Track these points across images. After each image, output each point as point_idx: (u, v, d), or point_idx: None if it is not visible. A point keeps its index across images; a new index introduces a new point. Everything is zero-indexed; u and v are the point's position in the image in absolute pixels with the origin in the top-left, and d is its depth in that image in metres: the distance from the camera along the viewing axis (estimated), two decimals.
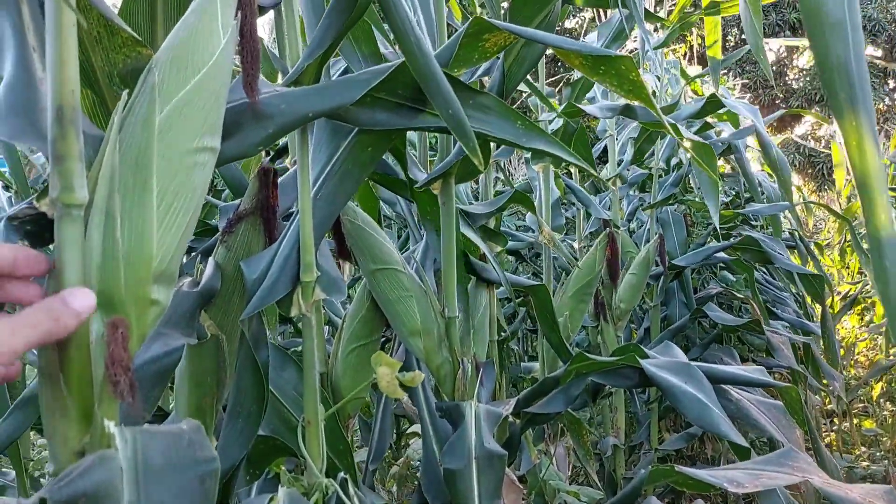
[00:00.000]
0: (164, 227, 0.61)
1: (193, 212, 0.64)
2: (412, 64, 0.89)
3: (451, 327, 1.33)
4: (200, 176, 0.64)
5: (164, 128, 0.63)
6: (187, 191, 0.63)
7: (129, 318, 0.59)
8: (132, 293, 0.60)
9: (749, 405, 1.58)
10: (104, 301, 0.59)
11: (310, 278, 0.95)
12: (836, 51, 0.61)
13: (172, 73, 0.65)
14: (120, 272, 0.59)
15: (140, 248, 0.60)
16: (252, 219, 1.05)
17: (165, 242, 0.61)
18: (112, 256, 0.59)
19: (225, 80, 0.69)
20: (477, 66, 1.28)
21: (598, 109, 1.82)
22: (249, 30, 0.78)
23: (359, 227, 1.32)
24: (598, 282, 2.36)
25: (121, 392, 0.56)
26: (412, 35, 0.87)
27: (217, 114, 0.67)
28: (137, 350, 0.61)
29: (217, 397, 0.99)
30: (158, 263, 0.61)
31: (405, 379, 0.86)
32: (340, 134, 1.10)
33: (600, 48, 1.16)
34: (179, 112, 0.64)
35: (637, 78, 1.12)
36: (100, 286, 0.59)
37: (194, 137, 0.64)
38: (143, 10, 1.04)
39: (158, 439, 0.56)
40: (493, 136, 1.07)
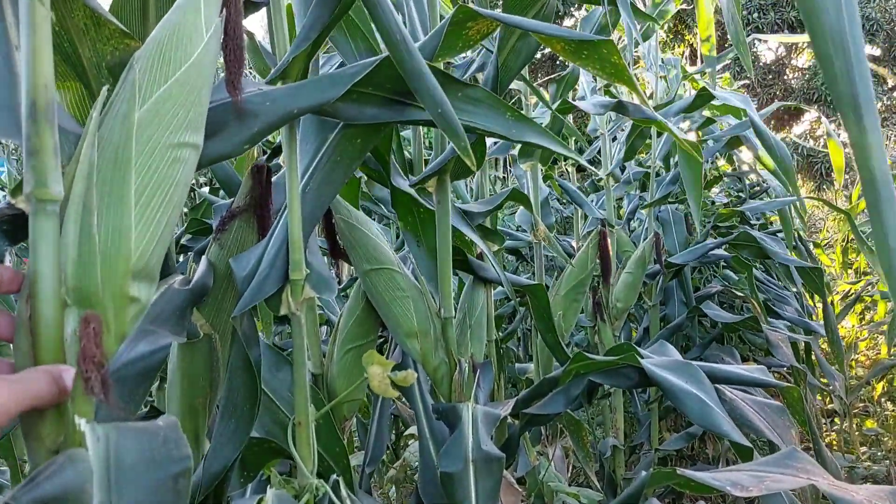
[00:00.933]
0: (142, 223, 0.60)
1: (174, 208, 0.63)
2: (400, 64, 0.88)
3: (447, 328, 1.31)
4: (182, 172, 0.64)
5: (143, 123, 0.62)
6: (167, 186, 0.62)
7: (106, 315, 0.58)
8: (109, 289, 0.59)
9: (743, 405, 1.56)
10: (79, 297, 0.58)
11: (299, 276, 0.93)
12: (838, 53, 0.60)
13: (154, 68, 0.65)
14: (96, 268, 0.58)
15: (117, 243, 0.59)
16: (245, 216, 1.04)
17: (144, 238, 0.60)
18: (88, 251, 0.58)
19: (207, 77, 0.69)
20: (461, 53, 1.27)
21: (591, 106, 1.81)
22: (233, 28, 0.78)
23: (353, 227, 1.30)
24: (590, 280, 2.34)
25: (92, 388, 0.54)
26: (398, 34, 0.86)
27: (198, 110, 0.67)
28: (117, 348, 0.60)
29: (210, 397, 0.98)
30: (137, 259, 0.60)
31: (397, 378, 0.84)
32: (327, 126, 1.09)
33: (581, 33, 1.16)
34: (159, 107, 0.64)
35: (619, 61, 1.12)
36: (75, 282, 0.58)
37: (175, 133, 0.64)
38: (134, 6, 1.03)
39: (132, 436, 0.54)
40: (483, 128, 1.05)
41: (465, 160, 0.96)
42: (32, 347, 0.56)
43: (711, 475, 1.06)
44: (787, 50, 17.49)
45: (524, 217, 2.67)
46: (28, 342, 0.56)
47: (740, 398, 1.60)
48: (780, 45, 17.29)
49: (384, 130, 1.14)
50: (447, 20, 1.08)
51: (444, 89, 0.98)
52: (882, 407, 4.78)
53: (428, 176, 1.34)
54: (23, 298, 0.58)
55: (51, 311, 0.56)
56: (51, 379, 0.55)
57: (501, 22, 1.11)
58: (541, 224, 2.08)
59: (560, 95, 2.20)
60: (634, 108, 1.74)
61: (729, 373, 1.60)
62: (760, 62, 16.49)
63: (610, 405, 2.86)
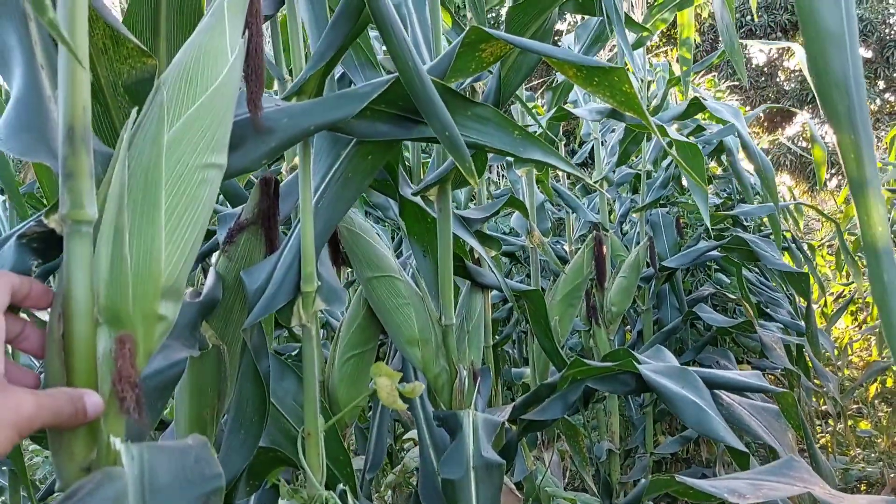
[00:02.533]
0: (172, 243, 0.62)
1: (201, 227, 0.65)
2: (411, 89, 0.90)
3: (448, 335, 1.33)
4: (208, 192, 0.66)
5: (172, 145, 0.64)
6: (195, 207, 0.64)
7: (136, 333, 0.60)
8: (140, 309, 0.60)
9: (741, 409, 1.59)
10: (111, 317, 0.59)
11: (311, 288, 0.95)
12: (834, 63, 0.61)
13: (181, 91, 0.66)
14: (128, 288, 0.60)
15: (148, 263, 0.60)
16: (253, 228, 1.05)
17: (174, 258, 0.62)
18: (120, 272, 0.60)
19: (231, 98, 0.70)
20: (474, 74, 1.28)
21: (587, 112, 1.84)
22: (255, 48, 0.79)
23: (356, 234, 1.31)
24: (586, 285, 2.36)
25: (128, 408, 0.56)
26: (411, 62, 0.88)
27: (223, 130, 0.69)
28: (145, 365, 0.61)
29: (218, 408, 0.99)
30: (166, 279, 0.61)
31: (405, 390, 0.86)
32: (341, 142, 1.11)
33: (594, 59, 1.17)
34: (187, 129, 0.65)
35: (630, 90, 1.13)
36: (107, 302, 0.60)
37: (202, 154, 0.65)
38: (146, 23, 1.05)
39: (165, 456, 0.56)
40: (491, 146, 1.08)
41: (468, 179, 0.98)
42: (65, 365, 0.58)
43: (710, 483, 1.08)
44: (780, 52, 17.58)
45: (519, 221, 2.69)
46: (60, 359, 0.58)
47: (737, 402, 1.63)
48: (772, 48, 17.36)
49: (395, 147, 1.16)
50: (459, 41, 1.10)
51: (453, 108, 1.01)
52: (876, 408, 4.83)
53: (430, 185, 1.36)
54: (54, 315, 0.59)
55: (84, 330, 0.58)
56: (71, 400, 0.56)
57: (516, 46, 1.13)
58: (536, 230, 2.10)
59: (556, 103, 2.23)
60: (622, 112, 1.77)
61: (725, 378, 1.62)
62: (753, 64, 16.57)
63: (605, 409, 2.89)
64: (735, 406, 1.60)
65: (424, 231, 1.38)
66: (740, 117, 2.16)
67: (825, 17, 0.62)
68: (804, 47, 0.66)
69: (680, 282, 3.22)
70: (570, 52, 1.16)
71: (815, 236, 9.17)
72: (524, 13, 1.39)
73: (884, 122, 15.15)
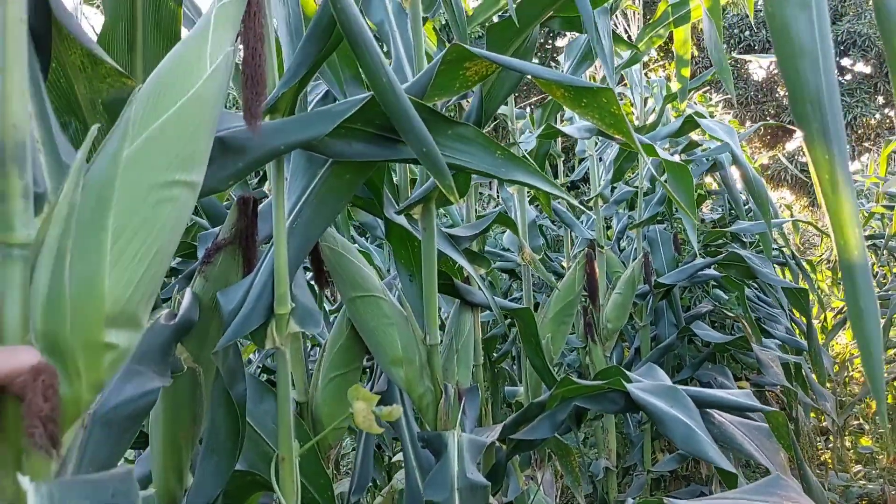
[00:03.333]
0: (119, 267, 0.58)
1: (160, 249, 0.61)
2: (385, 104, 0.89)
3: (433, 355, 1.32)
4: (170, 212, 0.62)
5: (131, 162, 0.60)
6: (151, 228, 0.60)
7: (77, 363, 0.56)
8: (80, 337, 0.56)
9: (733, 429, 1.57)
10: (48, 345, 0.56)
11: (284, 310, 0.94)
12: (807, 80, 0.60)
13: (150, 104, 0.63)
14: (65, 315, 0.56)
15: (89, 289, 0.57)
16: (231, 248, 1.04)
17: (121, 283, 0.58)
18: (58, 298, 0.56)
19: (209, 111, 0.66)
20: (459, 93, 1.27)
21: (577, 130, 1.83)
22: (252, 54, 0.76)
23: (339, 254, 1.31)
24: (578, 302, 2.35)
25: (37, 444, 0.52)
26: (384, 76, 0.87)
27: (195, 146, 0.65)
28: (92, 396, 0.58)
29: (194, 431, 0.98)
30: (112, 305, 0.57)
31: (382, 413, 0.85)
32: (317, 161, 1.10)
33: (582, 80, 1.16)
34: (150, 145, 0.61)
35: (618, 111, 1.12)
36: (43, 328, 0.56)
37: (164, 171, 0.61)
38: (122, 39, 1.05)
39: (77, 492, 0.52)
40: (473, 167, 1.06)
41: (448, 197, 0.97)
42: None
43: (696, 502, 1.07)
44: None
45: (512, 239, 2.68)
46: None
47: (729, 421, 1.61)
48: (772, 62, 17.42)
49: (374, 166, 1.15)
50: (438, 59, 1.09)
51: (433, 127, 0.99)
52: (876, 424, 4.78)
53: (413, 203, 1.35)
54: None
55: None
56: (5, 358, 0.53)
57: (499, 64, 1.11)
58: (526, 247, 2.09)
59: (546, 120, 2.22)
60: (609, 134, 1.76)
61: (715, 397, 1.61)
62: (752, 80, 16.61)
63: (602, 426, 2.87)
64: (727, 425, 1.58)
65: (410, 255, 1.37)
66: (734, 136, 2.16)
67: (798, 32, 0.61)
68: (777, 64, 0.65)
69: (677, 298, 3.21)
70: (557, 73, 1.15)
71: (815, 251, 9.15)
72: (505, 30, 1.39)
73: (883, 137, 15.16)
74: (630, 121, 2.75)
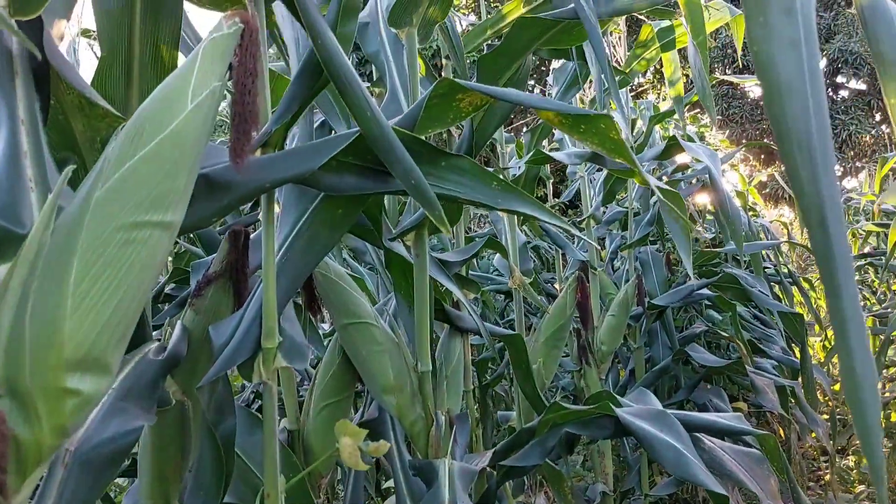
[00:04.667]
0: (81, 311, 0.57)
1: (128, 293, 0.59)
2: (370, 138, 0.90)
3: (424, 383, 1.33)
4: (140, 254, 0.60)
5: (100, 203, 0.59)
6: (117, 270, 0.58)
7: (38, 408, 0.55)
8: (39, 382, 0.55)
9: (722, 454, 1.57)
10: (10, 389, 0.55)
11: (271, 344, 0.95)
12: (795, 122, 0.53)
13: (127, 142, 0.62)
14: (25, 359, 0.55)
15: (48, 333, 0.55)
16: (222, 282, 1.05)
17: (83, 327, 0.56)
18: (18, 342, 0.55)
19: (189, 147, 0.65)
20: (453, 125, 1.28)
21: (567, 156, 1.85)
22: (242, 92, 0.74)
23: (331, 280, 1.32)
24: (570, 326, 2.34)
25: None
26: (368, 110, 0.88)
27: (171, 184, 0.63)
28: (56, 441, 0.57)
29: (182, 464, 0.98)
30: (74, 350, 0.56)
31: (369, 449, 0.85)
32: (309, 195, 1.10)
33: (577, 108, 1.18)
34: (122, 185, 0.60)
35: (617, 136, 1.13)
36: (3, 373, 0.55)
37: (135, 212, 0.60)
38: (119, 75, 1.06)
39: None
40: (469, 198, 1.06)
41: (440, 227, 0.98)
42: None
43: None
44: None
45: (503, 262, 2.69)
46: None
47: (719, 446, 1.61)
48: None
49: (367, 200, 1.15)
50: (428, 93, 1.09)
51: (426, 159, 1.00)
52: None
53: (405, 231, 1.36)
54: None
55: None
56: None
57: (493, 96, 1.12)
58: (517, 272, 2.10)
59: (535, 144, 2.25)
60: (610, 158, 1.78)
61: (705, 421, 1.61)
62: (749, 98, 16.70)
63: (598, 450, 2.86)
64: (716, 451, 1.59)
65: (410, 286, 1.37)
66: (716, 159, 2.17)
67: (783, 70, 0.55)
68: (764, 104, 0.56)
69: (671, 319, 3.21)
70: (552, 101, 1.16)
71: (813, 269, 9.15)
72: (495, 61, 1.41)
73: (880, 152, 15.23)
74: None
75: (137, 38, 1.06)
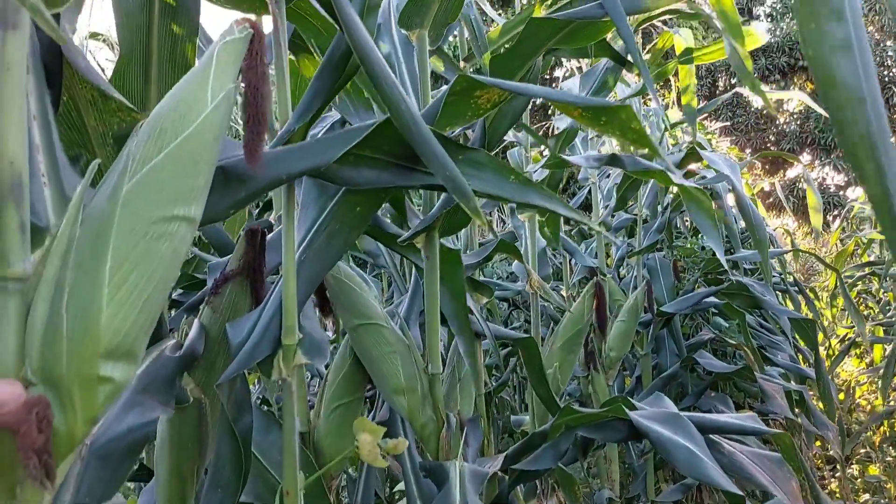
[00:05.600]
0: (116, 301, 0.58)
1: (158, 284, 0.61)
2: (405, 130, 0.88)
3: (435, 384, 1.32)
4: (169, 246, 0.62)
5: (130, 197, 0.61)
6: (150, 263, 0.61)
7: (73, 396, 0.57)
8: (76, 371, 0.57)
9: (742, 458, 1.56)
10: (45, 378, 0.56)
11: (291, 341, 0.94)
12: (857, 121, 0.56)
13: (151, 139, 0.64)
14: (62, 348, 0.56)
15: (85, 323, 0.57)
16: (239, 280, 1.04)
17: (118, 317, 0.58)
18: (55, 332, 0.57)
19: (208, 147, 0.67)
20: (471, 122, 1.28)
21: (585, 160, 1.84)
22: (253, 93, 0.76)
23: (341, 282, 1.31)
24: (586, 332, 2.34)
25: (32, 476, 0.53)
26: (402, 103, 0.86)
27: (194, 181, 0.65)
28: (88, 429, 0.58)
29: (199, 463, 0.98)
30: (109, 339, 0.58)
31: (388, 447, 0.85)
32: (327, 193, 1.10)
33: (599, 99, 1.17)
34: (149, 180, 0.62)
35: (639, 126, 1.12)
36: (40, 362, 0.57)
37: (163, 206, 0.62)
38: (138, 72, 1.07)
39: None
40: (486, 192, 1.05)
41: (475, 219, 0.97)
42: None
43: None
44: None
45: (521, 267, 2.68)
46: None
47: (738, 450, 1.60)
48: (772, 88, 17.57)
49: (385, 198, 1.14)
50: (447, 89, 1.09)
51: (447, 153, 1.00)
52: (884, 452, 4.74)
53: (417, 233, 1.36)
54: None
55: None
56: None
57: (511, 91, 1.12)
58: (535, 275, 2.09)
59: (560, 150, 2.24)
60: (630, 160, 1.77)
61: (720, 422, 1.60)
62: (752, 108, 16.74)
63: (605, 456, 2.85)
64: (736, 454, 1.57)
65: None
66: (736, 171, 2.16)
67: (841, 72, 0.57)
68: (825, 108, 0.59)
69: (678, 327, 3.20)
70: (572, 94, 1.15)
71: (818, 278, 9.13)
72: (508, 61, 1.41)
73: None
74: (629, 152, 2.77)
75: (156, 36, 1.07)
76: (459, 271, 1.44)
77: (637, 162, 1.71)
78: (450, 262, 1.42)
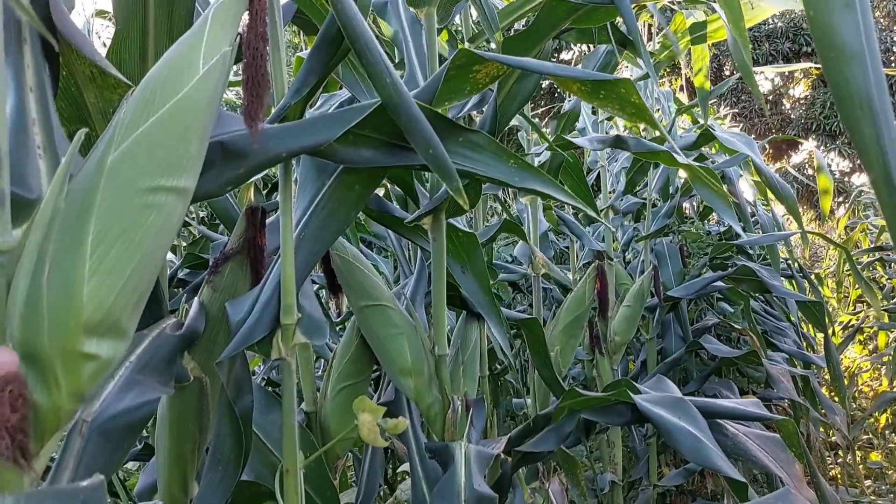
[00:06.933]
0: (99, 274, 0.56)
1: (144, 257, 0.59)
2: (388, 105, 0.87)
3: (441, 366, 1.31)
4: (155, 218, 0.59)
5: (115, 166, 0.58)
6: (134, 235, 0.58)
7: (55, 372, 0.55)
8: (58, 345, 0.54)
9: (746, 440, 1.55)
10: (26, 353, 0.54)
11: (290, 321, 0.93)
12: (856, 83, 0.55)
13: (139, 107, 0.61)
14: (43, 323, 0.54)
15: (67, 296, 0.55)
16: (239, 258, 1.03)
17: (101, 291, 0.56)
18: (35, 305, 0.54)
19: (201, 113, 0.64)
20: (469, 98, 1.26)
21: (588, 142, 1.81)
22: (253, 56, 0.73)
23: (348, 263, 1.30)
24: (588, 315, 2.33)
25: (4, 455, 0.51)
26: (387, 77, 0.85)
27: (185, 150, 0.62)
28: (73, 406, 0.56)
29: (200, 441, 0.97)
30: (92, 313, 0.55)
31: (388, 426, 0.84)
32: (326, 171, 1.08)
33: (597, 73, 1.15)
34: (135, 149, 0.59)
35: (638, 100, 1.10)
36: (20, 336, 0.55)
37: (151, 176, 0.59)
38: (134, 47, 1.05)
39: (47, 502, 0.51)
40: (485, 175, 1.05)
41: (458, 200, 0.96)
42: None
43: None
44: (784, 80, 17.65)
45: (523, 250, 2.67)
46: None
47: (743, 433, 1.59)
48: (777, 75, 17.45)
49: (382, 177, 1.13)
50: (447, 64, 1.07)
51: (443, 135, 0.98)
52: (886, 439, 4.75)
53: (423, 214, 1.35)
54: None
55: None
56: None
57: (511, 66, 1.10)
58: (539, 254, 2.08)
59: (561, 131, 2.22)
60: (635, 142, 1.75)
61: (724, 407, 1.59)
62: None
63: (608, 440, 2.85)
64: (740, 437, 1.56)
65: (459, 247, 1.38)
66: (753, 146, 2.14)
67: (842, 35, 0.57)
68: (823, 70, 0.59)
69: (685, 311, 3.19)
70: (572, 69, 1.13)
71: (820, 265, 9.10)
72: (519, 42, 1.39)
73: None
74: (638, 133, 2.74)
75: (152, 11, 1.05)
76: (479, 253, 1.43)
77: (641, 143, 1.69)
78: (469, 245, 1.42)
